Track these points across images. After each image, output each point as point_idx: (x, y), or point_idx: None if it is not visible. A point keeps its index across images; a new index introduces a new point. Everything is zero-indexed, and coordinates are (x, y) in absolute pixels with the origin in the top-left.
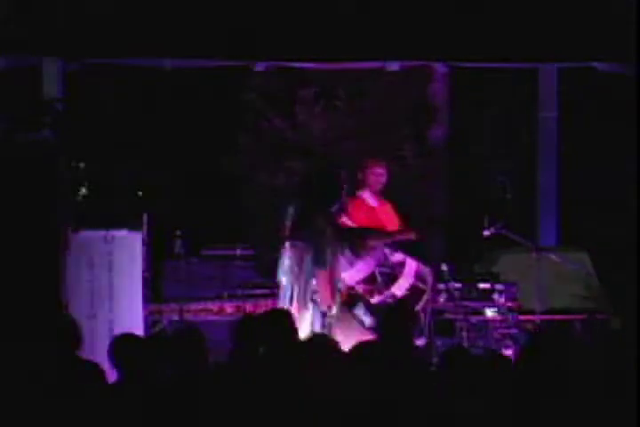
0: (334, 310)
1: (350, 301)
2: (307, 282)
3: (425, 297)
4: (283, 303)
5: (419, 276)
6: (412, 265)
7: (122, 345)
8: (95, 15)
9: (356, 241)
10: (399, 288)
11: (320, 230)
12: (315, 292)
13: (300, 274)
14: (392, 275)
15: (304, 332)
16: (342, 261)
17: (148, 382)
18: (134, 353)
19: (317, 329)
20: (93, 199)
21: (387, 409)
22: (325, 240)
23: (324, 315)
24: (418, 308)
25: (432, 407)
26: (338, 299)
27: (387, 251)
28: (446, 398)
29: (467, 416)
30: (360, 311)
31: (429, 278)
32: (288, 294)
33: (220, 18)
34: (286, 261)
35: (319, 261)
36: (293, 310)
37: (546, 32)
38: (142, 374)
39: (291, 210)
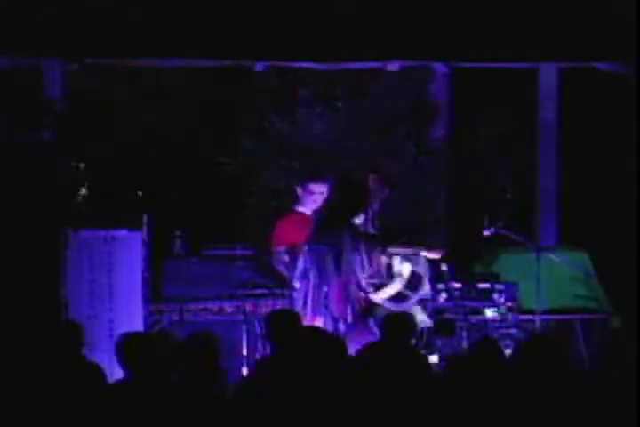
0: (349, 319)
1: (367, 310)
2: (321, 288)
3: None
4: (297, 307)
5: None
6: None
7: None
8: (95, 15)
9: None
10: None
11: (344, 237)
12: (327, 298)
13: (316, 280)
14: (413, 284)
15: None
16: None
17: (156, 383)
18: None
19: None
20: (93, 199)
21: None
22: (345, 248)
23: (336, 321)
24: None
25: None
26: (351, 309)
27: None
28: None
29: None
30: (373, 323)
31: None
32: (302, 298)
33: (220, 18)
34: (301, 265)
35: (338, 267)
36: (307, 315)
37: (546, 32)
38: (150, 374)
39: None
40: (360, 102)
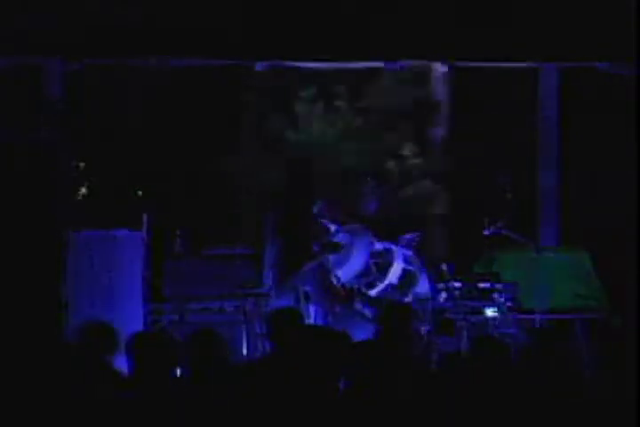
0: (336, 309)
1: (347, 296)
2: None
3: (418, 279)
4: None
5: (406, 259)
6: (397, 250)
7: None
8: (95, 15)
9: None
10: (394, 275)
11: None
12: (309, 292)
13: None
14: (384, 263)
15: None
16: (333, 258)
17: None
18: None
19: None
20: (93, 199)
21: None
22: (292, 244)
23: (325, 313)
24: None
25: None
26: (335, 301)
27: (371, 240)
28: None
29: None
30: (359, 305)
31: (416, 260)
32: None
33: (219, 17)
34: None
35: (277, 266)
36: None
37: (547, 32)
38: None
39: (269, 219)
40: (360, 102)
